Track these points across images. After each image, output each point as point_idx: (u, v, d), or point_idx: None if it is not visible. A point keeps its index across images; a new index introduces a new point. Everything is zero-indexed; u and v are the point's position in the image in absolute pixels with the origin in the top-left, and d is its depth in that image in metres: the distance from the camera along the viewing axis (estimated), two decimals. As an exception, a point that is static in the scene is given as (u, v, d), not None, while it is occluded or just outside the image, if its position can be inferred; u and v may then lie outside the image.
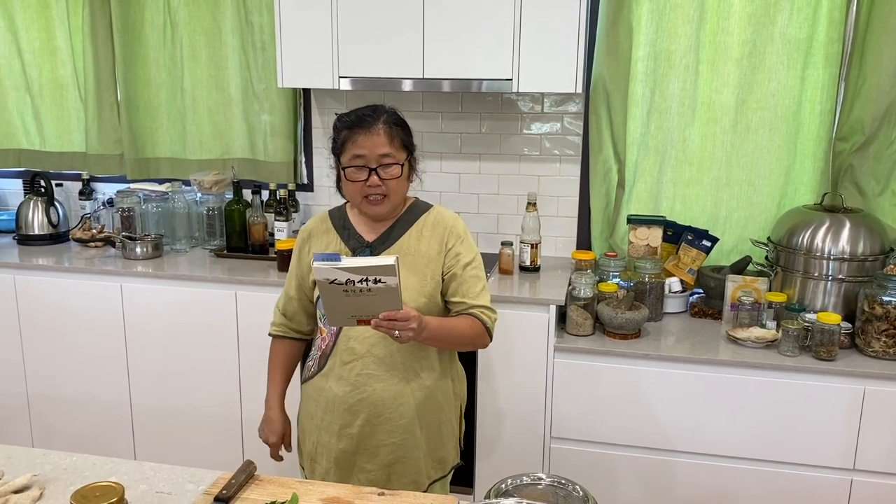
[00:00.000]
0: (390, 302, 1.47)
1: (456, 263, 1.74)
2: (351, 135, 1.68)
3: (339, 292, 1.45)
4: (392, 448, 1.75)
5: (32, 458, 1.50)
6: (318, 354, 1.80)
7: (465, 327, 1.70)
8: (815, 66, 2.62)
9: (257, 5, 3.02)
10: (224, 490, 1.34)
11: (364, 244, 1.76)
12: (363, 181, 1.67)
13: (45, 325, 2.90)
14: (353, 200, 1.74)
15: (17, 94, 3.38)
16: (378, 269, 1.42)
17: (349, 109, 1.75)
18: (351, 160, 1.68)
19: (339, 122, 1.73)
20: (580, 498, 1.20)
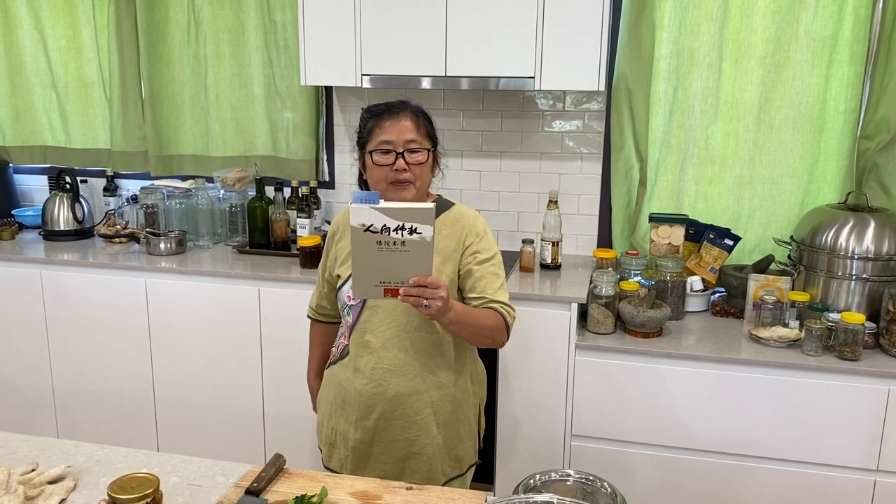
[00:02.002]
0: (421, 264, 1.45)
1: (473, 260, 1.75)
2: (378, 122, 1.73)
3: (371, 245, 1.43)
4: (406, 443, 1.76)
5: (66, 449, 1.53)
6: (340, 343, 1.84)
7: (488, 318, 1.71)
8: (840, 64, 2.60)
9: (280, 3, 3.04)
10: (255, 483, 1.36)
11: None
12: (389, 165, 1.70)
13: (70, 320, 2.94)
14: (378, 187, 1.74)
15: (44, 91, 3.42)
16: (415, 212, 1.41)
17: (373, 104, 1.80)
18: (378, 145, 1.71)
19: (366, 113, 1.78)
20: (608, 494, 1.21)
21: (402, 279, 1.46)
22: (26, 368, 3.03)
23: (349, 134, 3.18)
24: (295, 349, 2.74)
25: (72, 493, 1.37)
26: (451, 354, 1.78)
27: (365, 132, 1.76)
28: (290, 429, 2.82)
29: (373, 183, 1.75)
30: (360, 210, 1.41)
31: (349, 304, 1.78)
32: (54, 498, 1.33)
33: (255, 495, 1.33)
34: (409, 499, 1.35)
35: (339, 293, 1.80)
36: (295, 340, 2.73)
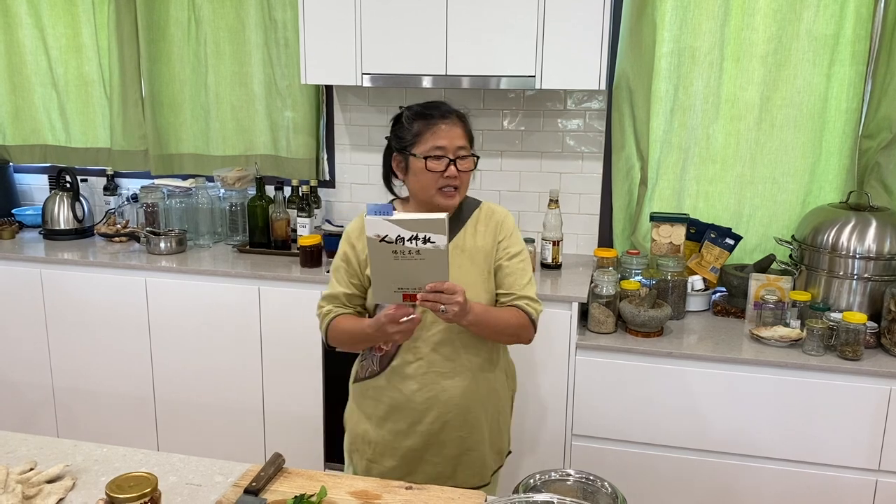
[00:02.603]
0: (437, 270, 1.48)
1: (504, 255, 1.75)
2: (429, 126, 1.68)
3: (388, 254, 1.46)
4: (459, 441, 1.76)
5: (64, 448, 1.52)
6: (378, 355, 1.78)
7: (510, 316, 1.70)
8: (842, 63, 2.60)
9: (281, 2, 3.04)
10: (254, 482, 1.35)
11: None
12: (440, 172, 1.67)
13: (70, 319, 2.94)
14: (423, 193, 1.71)
15: (44, 90, 3.42)
16: (428, 223, 1.43)
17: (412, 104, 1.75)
18: (431, 151, 1.67)
19: (411, 115, 1.72)
20: (609, 494, 1.20)
21: (419, 285, 1.49)
22: (26, 367, 3.03)
23: (349, 133, 3.18)
24: (295, 348, 2.74)
25: (70, 492, 1.36)
26: (491, 349, 1.79)
27: (410, 135, 1.70)
28: (290, 428, 2.82)
29: (419, 188, 1.71)
30: (374, 222, 1.44)
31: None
32: (52, 497, 1.32)
33: (254, 494, 1.33)
34: (408, 498, 1.35)
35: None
36: (295, 339, 2.73)
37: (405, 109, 1.75)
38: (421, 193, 1.72)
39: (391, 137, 1.77)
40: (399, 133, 1.73)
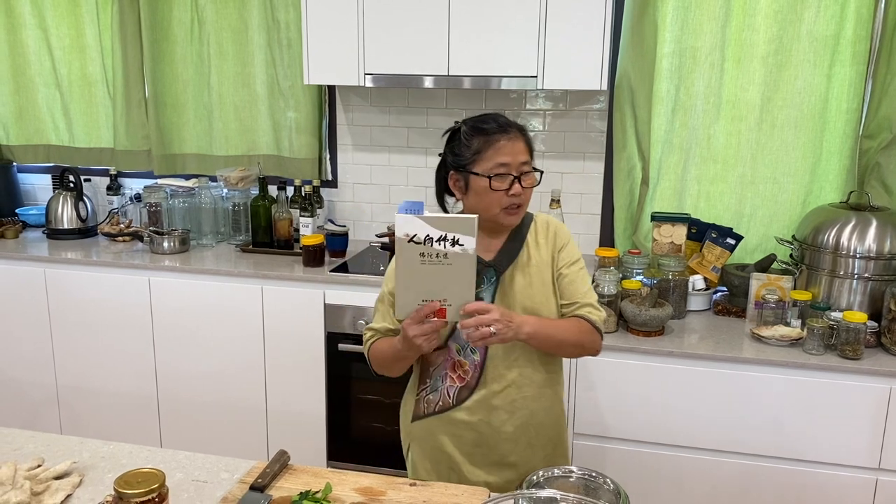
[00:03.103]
0: (464, 278, 1.43)
1: (564, 263, 1.70)
2: (491, 142, 1.58)
3: (415, 257, 1.42)
4: (546, 460, 1.72)
5: (71, 445, 1.54)
6: (455, 387, 1.67)
7: (570, 325, 1.64)
8: (843, 64, 2.61)
9: (283, 3, 3.05)
10: (259, 479, 1.36)
11: (486, 264, 1.65)
12: (505, 191, 1.58)
13: (73, 318, 2.95)
14: (486, 213, 1.60)
15: (47, 90, 3.43)
16: (458, 222, 1.40)
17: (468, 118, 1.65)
18: (495, 168, 1.57)
19: (469, 130, 1.62)
20: (611, 491, 1.21)
21: (443, 296, 1.45)
22: (30, 366, 3.04)
23: (352, 133, 3.19)
24: (298, 347, 2.75)
25: (77, 488, 1.38)
26: (557, 364, 1.75)
27: (469, 152, 1.59)
28: (294, 426, 2.83)
29: (481, 207, 1.61)
30: (405, 220, 1.41)
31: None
32: (60, 493, 1.33)
33: (260, 491, 1.34)
34: (412, 494, 1.36)
35: (456, 335, 1.63)
36: (298, 338, 2.74)
37: (461, 124, 1.64)
38: (483, 212, 1.61)
39: (446, 154, 1.66)
40: (456, 150, 1.63)
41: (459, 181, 1.63)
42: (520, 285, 1.65)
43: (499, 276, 1.65)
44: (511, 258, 1.66)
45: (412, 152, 3.14)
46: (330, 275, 2.70)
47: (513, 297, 1.65)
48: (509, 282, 1.65)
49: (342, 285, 2.68)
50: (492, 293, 1.64)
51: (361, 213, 3.25)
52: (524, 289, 1.64)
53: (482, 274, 1.63)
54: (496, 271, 1.65)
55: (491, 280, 1.64)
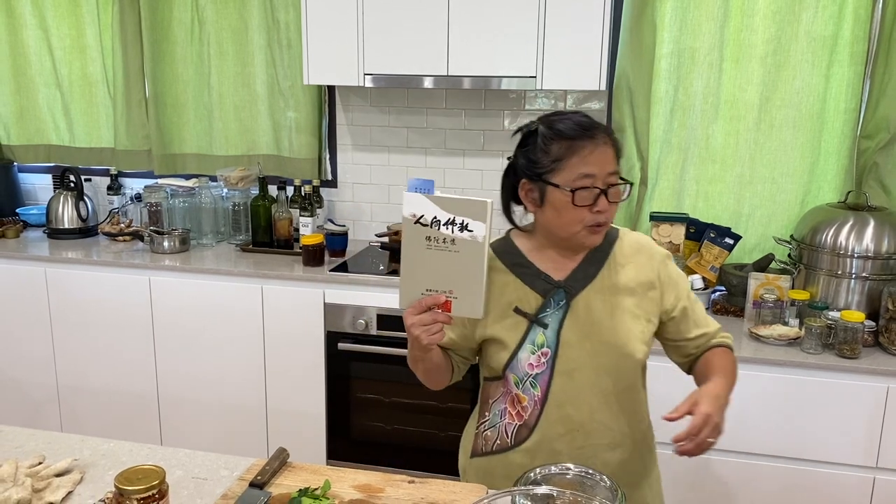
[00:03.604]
0: (471, 270, 1.29)
1: (681, 294, 1.48)
2: (575, 148, 1.35)
3: (421, 241, 1.29)
4: None
5: (72, 443, 1.54)
6: (514, 425, 1.48)
7: (727, 363, 1.46)
8: (841, 64, 2.62)
9: (283, 3, 3.06)
10: (259, 476, 1.37)
11: (555, 285, 1.45)
12: (589, 206, 1.36)
13: (74, 318, 2.96)
14: (564, 230, 1.40)
15: (48, 90, 3.44)
16: (469, 205, 1.26)
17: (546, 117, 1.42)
18: (578, 181, 1.35)
19: (549, 133, 1.38)
20: (608, 487, 1.22)
21: (449, 287, 1.31)
22: (31, 365, 3.05)
23: (351, 133, 3.20)
24: (298, 346, 2.76)
25: (78, 485, 1.38)
26: (645, 403, 1.58)
27: (548, 159, 1.37)
28: (293, 424, 2.84)
29: (559, 224, 1.40)
30: (412, 199, 1.28)
31: (531, 374, 1.44)
32: (61, 490, 1.34)
33: (259, 488, 1.35)
34: (410, 492, 1.37)
35: (513, 364, 1.45)
36: (298, 337, 2.75)
37: (539, 125, 1.40)
38: (561, 230, 1.40)
39: (518, 158, 1.43)
40: (531, 155, 1.39)
41: (533, 192, 1.41)
42: (598, 314, 1.44)
43: (569, 299, 1.44)
44: (587, 280, 1.45)
45: (412, 152, 3.14)
46: (330, 274, 2.71)
47: (588, 327, 1.44)
48: (584, 308, 1.44)
49: (342, 285, 2.68)
50: (559, 319, 1.44)
51: (361, 213, 3.25)
52: (603, 318, 1.44)
53: (549, 295, 1.44)
54: (567, 294, 1.44)
55: (559, 304, 1.44)
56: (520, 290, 1.46)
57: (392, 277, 2.65)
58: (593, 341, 1.44)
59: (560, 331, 1.44)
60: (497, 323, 1.46)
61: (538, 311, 1.45)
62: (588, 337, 1.44)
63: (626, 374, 1.47)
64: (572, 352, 1.44)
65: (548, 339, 1.44)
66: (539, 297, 1.45)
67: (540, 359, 1.45)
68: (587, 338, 1.44)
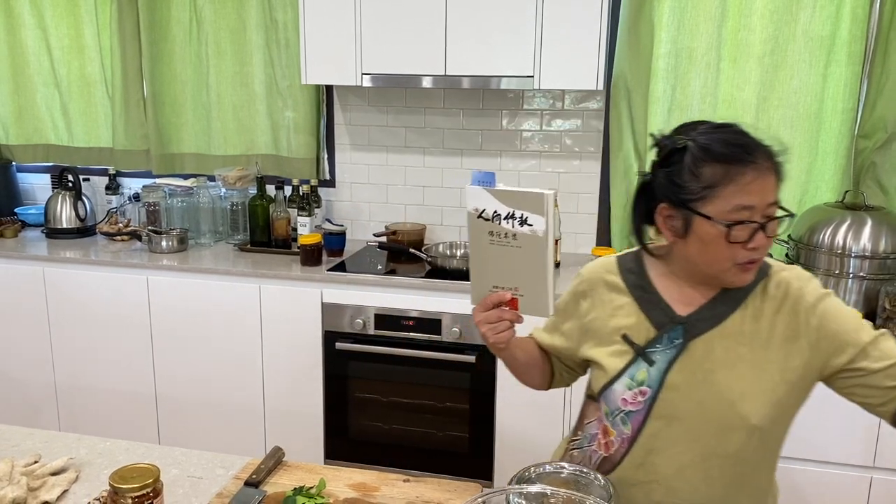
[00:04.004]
0: (535, 266, 1.21)
1: (849, 340, 1.22)
2: (734, 175, 1.15)
3: (484, 236, 1.24)
4: None
5: (68, 442, 1.55)
6: (599, 455, 1.37)
7: None
8: (838, 64, 2.62)
9: (282, 3, 3.06)
10: (254, 475, 1.38)
11: (674, 320, 1.28)
12: (743, 242, 1.17)
13: (72, 317, 2.96)
14: (710, 267, 1.21)
15: (46, 90, 3.44)
16: (526, 198, 1.19)
17: (702, 129, 1.21)
18: (733, 213, 1.15)
19: (702, 154, 1.17)
20: (602, 486, 1.22)
21: (515, 284, 1.25)
22: (29, 365, 3.05)
23: (350, 133, 3.20)
24: (295, 346, 2.76)
25: (74, 484, 1.39)
26: (764, 483, 1.36)
27: (697, 184, 1.16)
28: (291, 424, 2.84)
29: (704, 260, 1.21)
30: (473, 192, 1.23)
31: (624, 410, 1.30)
32: (57, 489, 1.34)
33: (254, 487, 1.35)
34: (405, 490, 1.37)
35: (607, 392, 1.32)
36: (295, 337, 2.75)
37: (688, 141, 1.18)
38: (706, 266, 1.22)
39: (659, 177, 1.22)
40: (677, 178, 1.19)
41: (674, 219, 1.21)
42: (717, 362, 1.24)
43: (687, 339, 1.26)
44: (713, 321, 1.26)
45: (410, 152, 3.15)
46: (327, 274, 2.71)
47: (701, 375, 1.25)
48: (701, 353, 1.25)
49: (339, 284, 2.69)
50: (669, 359, 1.26)
51: (359, 213, 3.26)
52: (721, 368, 1.24)
53: (665, 329, 1.27)
54: (685, 333, 1.26)
55: (673, 342, 1.26)
56: (634, 317, 1.31)
57: (389, 277, 2.65)
58: (703, 392, 1.24)
59: (667, 372, 1.26)
60: (601, 346, 1.34)
61: (648, 345, 1.28)
62: (698, 386, 1.24)
63: (735, 439, 1.24)
64: (675, 398, 1.26)
65: (650, 378, 1.28)
66: (653, 329, 1.28)
67: (636, 396, 1.29)
68: (696, 387, 1.25)
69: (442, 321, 2.60)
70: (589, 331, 1.37)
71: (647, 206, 1.26)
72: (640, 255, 1.35)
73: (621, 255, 1.39)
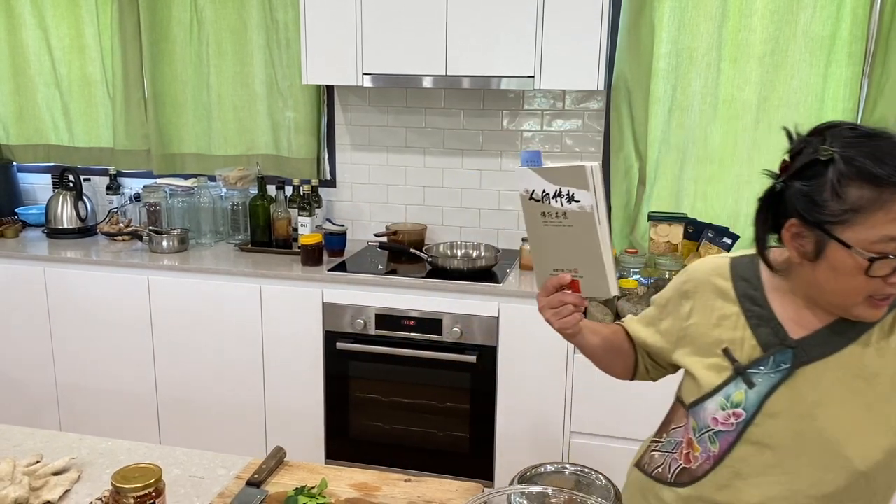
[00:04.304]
0: (589, 244, 1.15)
1: None
2: (884, 200, 0.99)
3: (538, 217, 1.19)
4: None
5: (69, 442, 1.55)
6: (678, 464, 1.28)
7: None
8: (839, 64, 2.62)
9: (282, 3, 3.06)
10: (255, 475, 1.38)
11: (785, 342, 1.14)
12: (883, 277, 1.02)
13: (73, 317, 2.96)
14: (840, 297, 1.07)
15: (47, 90, 3.45)
16: (569, 173, 1.12)
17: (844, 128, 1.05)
18: (881, 244, 1.00)
19: (852, 171, 1.00)
20: (603, 486, 1.22)
21: (573, 265, 1.18)
22: (30, 365, 3.05)
23: (350, 133, 3.20)
24: (296, 346, 2.76)
25: (76, 484, 1.39)
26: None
27: (839, 204, 1.01)
28: (292, 424, 2.84)
29: (834, 290, 1.06)
30: (523, 173, 1.18)
31: (713, 429, 1.19)
32: (58, 489, 1.35)
33: (256, 487, 1.35)
34: (406, 490, 1.37)
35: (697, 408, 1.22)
36: (296, 337, 2.75)
37: (833, 151, 1.02)
38: (834, 295, 1.08)
39: (793, 189, 1.06)
40: (815, 193, 1.03)
41: (804, 239, 1.06)
42: (825, 395, 1.11)
43: (796, 365, 1.13)
44: (828, 349, 1.12)
45: (410, 152, 3.15)
46: (328, 274, 2.71)
47: (805, 407, 1.12)
48: (810, 382, 1.12)
49: (340, 284, 2.69)
50: (771, 384, 1.14)
51: (360, 213, 3.26)
52: (830, 402, 1.11)
53: (771, 351, 1.14)
54: (795, 358, 1.13)
55: (779, 366, 1.14)
56: (739, 330, 1.18)
57: (390, 277, 2.66)
58: (803, 425, 1.12)
59: (767, 398, 1.14)
60: (697, 356, 1.23)
61: (750, 364, 1.16)
62: (799, 418, 1.12)
63: (832, 480, 1.12)
64: (771, 427, 1.14)
65: (747, 401, 1.16)
66: (758, 348, 1.16)
67: (728, 418, 1.18)
68: (797, 418, 1.12)
69: (442, 321, 2.60)
70: (687, 336, 1.25)
71: (774, 217, 1.10)
72: (756, 261, 1.19)
73: (736, 257, 1.24)
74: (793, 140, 1.12)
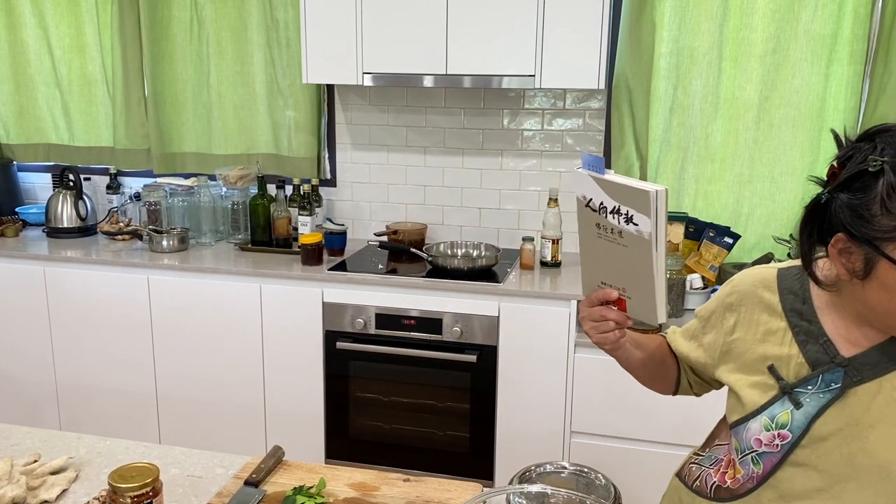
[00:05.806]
0: (641, 269, 1.08)
1: None
2: None
3: (592, 226, 1.13)
4: None
5: (68, 441, 1.54)
6: (713, 480, 1.24)
7: None
8: (840, 63, 2.61)
9: (282, 2, 3.06)
10: (254, 474, 1.37)
11: (836, 361, 1.07)
12: None
13: (73, 316, 2.96)
14: (891, 319, 1.00)
15: (47, 89, 3.44)
16: (633, 194, 1.04)
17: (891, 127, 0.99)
18: None
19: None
20: (603, 486, 1.22)
21: (623, 284, 1.13)
22: (30, 364, 3.05)
23: (351, 132, 3.20)
24: (296, 345, 2.76)
25: (73, 483, 1.38)
26: None
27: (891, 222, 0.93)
28: (291, 423, 2.84)
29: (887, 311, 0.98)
30: (581, 179, 1.11)
31: (757, 450, 1.13)
32: (56, 488, 1.34)
33: (254, 486, 1.35)
34: (406, 490, 1.36)
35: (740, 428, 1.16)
36: (296, 336, 2.75)
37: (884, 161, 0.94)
38: (886, 316, 1.00)
39: (839, 201, 0.98)
40: (863, 208, 0.95)
41: (852, 255, 0.98)
42: (878, 416, 1.05)
43: (847, 385, 1.06)
44: (882, 369, 1.05)
45: (411, 151, 3.14)
46: (328, 273, 2.70)
47: (856, 428, 1.06)
48: (861, 403, 1.06)
49: (340, 284, 2.68)
50: (820, 404, 1.08)
51: (360, 212, 3.25)
52: (882, 424, 1.04)
53: (821, 369, 1.08)
54: (846, 378, 1.06)
55: (829, 386, 1.07)
56: (786, 347, 1.11)
57: (390, 277, 2.65)
58: (854, 448, 1.06)
59: (815, 419, 1.07)
60: (741, 373, 1.17)
61: (797, 383, 1.09)
62: (849, 440, 1.06)
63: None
64: (819, 450, 1.08)
65: (793, 422, 1.09)
66: (806, 367, 1.09)
67: (773, 439, 1.11)
68: (847, 441, 1.06)
69: (443, 321, 2.59)
70: (731, 351, 1.19)
71: (819, 230, 1.02)
72: (803, 275, 1.11)
73: (784, 268, 1.16)
74: (841, 145, 1.03)
